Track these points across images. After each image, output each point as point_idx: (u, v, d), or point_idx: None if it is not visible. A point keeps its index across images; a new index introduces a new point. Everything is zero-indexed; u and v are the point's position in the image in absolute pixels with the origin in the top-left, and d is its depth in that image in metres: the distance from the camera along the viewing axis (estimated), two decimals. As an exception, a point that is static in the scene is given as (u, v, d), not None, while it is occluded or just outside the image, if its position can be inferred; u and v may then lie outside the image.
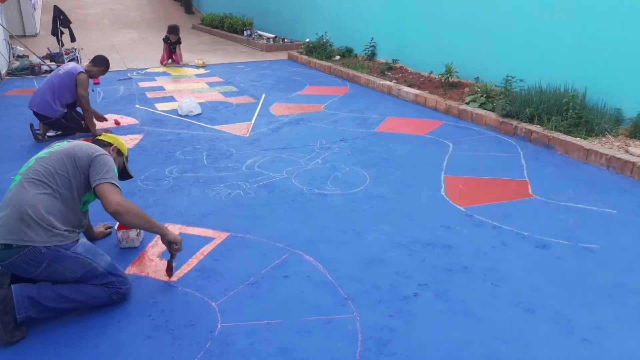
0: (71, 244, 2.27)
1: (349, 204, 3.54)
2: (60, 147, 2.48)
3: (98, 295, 2.34)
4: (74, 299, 2.29)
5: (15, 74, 8.64)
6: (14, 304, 2.16)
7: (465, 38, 6.85)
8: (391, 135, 5.16)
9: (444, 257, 2.86)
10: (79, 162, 2.39)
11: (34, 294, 2.21)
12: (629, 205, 3.51)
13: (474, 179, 4.00)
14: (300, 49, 10.54)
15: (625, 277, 2.65)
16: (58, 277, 2.27)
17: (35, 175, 2.31)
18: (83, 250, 2.30)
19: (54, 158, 2.39)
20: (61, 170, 2.35)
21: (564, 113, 4.91)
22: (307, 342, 2.17)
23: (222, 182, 3.93)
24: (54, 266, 2.22)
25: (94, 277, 2.33)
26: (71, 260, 2.25)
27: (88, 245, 2.37)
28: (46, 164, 2.35)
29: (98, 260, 2.34)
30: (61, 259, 2.22)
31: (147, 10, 19.66)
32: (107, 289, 2.36)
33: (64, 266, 2.24)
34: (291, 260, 2.82)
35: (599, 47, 5.03)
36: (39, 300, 2.21)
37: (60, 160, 2.38)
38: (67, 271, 2.26)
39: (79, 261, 2.27)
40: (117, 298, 2.40)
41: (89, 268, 2.30)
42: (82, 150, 2.44)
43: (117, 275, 2.40)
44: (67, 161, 2.38)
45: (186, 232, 3.14)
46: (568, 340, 2.19)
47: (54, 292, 2.25)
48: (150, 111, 6.22)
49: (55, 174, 2.33)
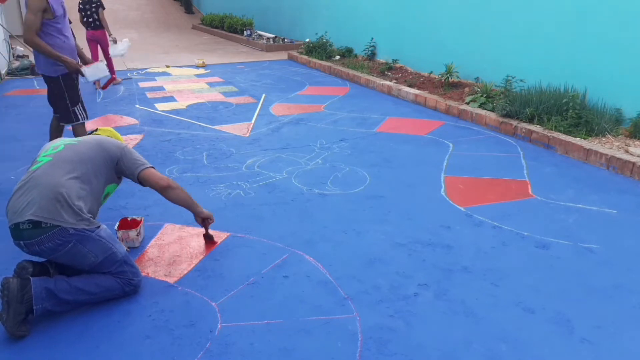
0: (95, 227, 2.36)
1: (349, 204, 3.54)
2: (87, 137, 2.59)
3: (111, 287, 2.40)
4: (88, 291, 2.35)
5: (15, 74, 8.65)
6: (32, 294, 2.20)
7: (465, 38, 6.85)
8: (391, 135, 5.16)
9: (444, 257, 2.86)
10: (110, 152, 2.52)
11: (51, 286, 2.26)
12: (629, 205, 3.51)
13: (474, 179, 4.00)
14: (300, 49, 10.54)
15: (625, 277, 2.65)
16: (79, 260, 2.33)
17: (67, 160, 2.39)
18: (106, 234, 2.40)
19: (84, 147, 2.48)
20: (92, 159, 2.45)
21: (564, 113, 4.91)
22: (307, 342, 2.17)
23: (222, 182, 3.93)
24: (79, 247, 2.29)
25: (113, 263, 2.39)
26: (95, 243, 2.33)
27: (109, 231, 2.46)
28: (78, 151, 2.45)
29: (118, 247, 2.44)
30: (86, 240, 2.30)
31: (147, 10, 19.66)
32: (119, 280, 2.41)
33: (87, 248, 2.31)
34: (291, 260, 2.82)
35: (599, 47, 5.03)
36: (56, 293, 2.26)
37: (91, 150, 2.49)
38: (90, 254, 2.33)
39: (102, 245, 2.35)
40: (129, 290, 2.45)
41: (110, 252, 2.38)
42: (110, 141, 2.59)
43: (130, 266, 2.47)
44: (98, 150, 2.49)
45: (186, 232, 3.14)
46: (568, 340, 2.19)
47: (70, 285, 2.30)
48: (150, 111, 6.22)
49: (89, 161, 2.44)
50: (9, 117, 5.91)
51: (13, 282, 2.18)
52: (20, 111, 6.10)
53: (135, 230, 2.93)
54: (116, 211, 3.40)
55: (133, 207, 3.49)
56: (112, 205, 3.46)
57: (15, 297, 2.16)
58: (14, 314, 2.15)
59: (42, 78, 3.91)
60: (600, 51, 5.02)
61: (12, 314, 2.15)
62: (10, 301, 2.15)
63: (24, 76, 8.58)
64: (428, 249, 2.94)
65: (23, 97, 7.05)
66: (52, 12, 3.61)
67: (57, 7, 3.67)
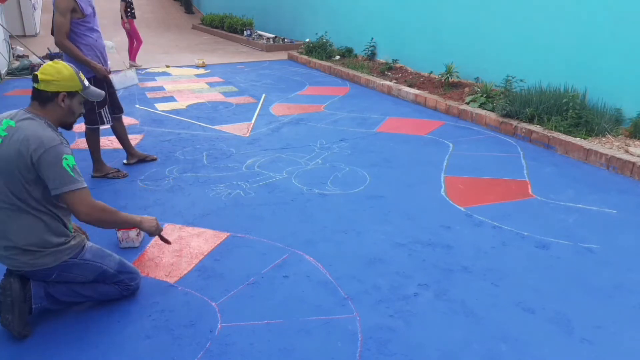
0: (78, 252, 2.27)
1: (349, 204, 3.54)
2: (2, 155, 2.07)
3: (109, 292, 2.40)
4: (86, 295, 2.35)
5: (15, 74, 8.64)
6: (31, 292, 2.21)
7: (465, 38, 6.85)
8: (391, 135, 5.16)
9: (444, 257, 2.86)
10: (25, 175, 2.06)
11: (49, 287, 2.25)
12: (629, 205, 3.51)
13: (474, 179, 4.00)
14: (300, 49, 10.54)
15: (625, 277, 2.65)
16: (70, 281, 2.30)
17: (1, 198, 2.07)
18: (91, 255, 2.32)
19: (4, 176, 2.06)
20: (20, 187, 2.06)
21: (564, 113, 4.91)
22: (307, 342, 2.17)
23: (222, 182, 3.93)
24: (65, 275, 2.26)
25: (106, 278, 2.37)
26: (81, 267, 2.28)
27: (95, 248, 2.36)
28: (2, 184, 2.07)
29: (107, 263, 2.36)
30: (71, 267, 2.25)
31: (147, 10, 19.66)
32: (117, 287, 2.41)
33: (74, 273, 2.28)
34: (291, 260, 2.82)
35: (599, 47, 5.03)
36: (53, 294, 2.25)
37: (11, 177, 2.06)
38: (79, 277, 2.30)
39: (89, 267, 2.30)
40: (127, 293, 2.45)
41: (100, 272, 2.33)
42: (20, 158, 2.04)
43: (126, 273, 2.43)
44: (17, 176, 2.05)
45: (186, 232, 3.14)
46: (568, 340, 2.19)
47: (68, 288, 2.30)
48: (150, 111, 6.22)
49: (20, 192, 2.06)
50: (9, 117, 5.91)
51: (14, 282, 2.17)
52: (20, 111, 6.10)
53: (135, 230, 2.93)
54: (116, 211, 3.40)
55: (133, 207, 3.49)
56: (112, 205, 3.43)
57: (19, 296, 2.15)
58: (19, 313, 2.15)
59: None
60: (600, 51, 5.03)
61: (18, 313, 2.15)
62: (15, 301, 2.15)
63: (24, 76, 8.58)
64: (428, 249, 2.94)
65: (23, 97, 7.05)
66: (81, 11, 3.59)
67: (86, 6, 3.64)
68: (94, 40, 3.74)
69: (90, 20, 3.70)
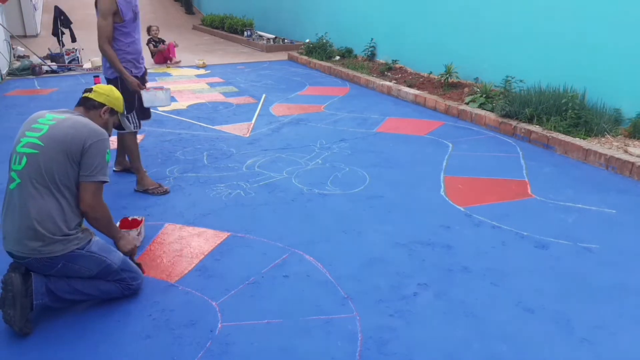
0: (86, 243, 2.30)
1: (349, 204, 3.55)
2: (51, 135, 2.23)
3: (110, 290, 2.41)
4: (87, 293, 2.35)
5: (15, 74, 8.65)
6: (33, 288, 2.21)
7: (464, 38, 6.85)
8: (391, 135, 5.17)
9: (444, 257, 2.86)
10: (73, 156, 2.22)
11: (50, 284, 2.26)
12: (628, 205, 3.51)
13: (474, 179, 4.00)
14: (300, 50, 10.55)
15: (625, 277, 2.66)
16: (74, 274, 2.31)
17: (34, 176, 2.18)
18: (97, 248, 2.34)
19: (47, 154, 2.20)
20: (58, 168, 2.20)
21: (563, 113, 4.91)
22: (307, 341, 2.18)
23: (222, 182, 3.94)
24: (70, 265, 2.27)
25: (109, 274, 2.37)
26: (86, 259, 2.29)
27: (101, 243, 2.40)
28: (42, 162, 2.18)
29: (112, 258, 2.38)
30: (76, 258, 2.27)
31: (148, 11, 19.66)
32: (119, 285, 2.42)
33: (79, 264, 2.29)
34: (291, 260, 2.82)
35: (598, 47, 5.04)
36: (54, 291, 2.26)
37: (55, 156, 2.20)
38: (83, 269, 2.31)
39: (94, 259, 2.32)
40: (128, 293, 2.46)
41: (104, 265, 2.34)
42: (75, 139, 2.23)
43: (129, 271, 2.44)
44: (62, 156, 2.20)
45: (187, 232, 3.15)
46: (568, 340, 2.19)
47: (69, 285, 2.30)
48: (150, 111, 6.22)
49: (56, 172, 2.19)
50: (9, 117, 5.91)
51: (15, 277, 2.18)
52: (20, 111, 6.10)
53: (136, 230, 2.94)
54: (117, 211, 3.40)
55: (134, 207, 3.50)
56: (113, 205, 3.44)
57: (20, 292, 2.16)
58: (21, 308, 2.16)
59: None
60: (599, 51, 5.03)
61: (20, 308, 2.16)
62: (16, 296, 2.15)
63: (24, 76, 8.59)
64: (428, 249, 2.95)
65: (23, 97, 7.06)
66: (121, 16, 3.54)
67: (127, 11, 3.57)
68: (126, 45, 3.65)
69: (128, 25, 3.63)
